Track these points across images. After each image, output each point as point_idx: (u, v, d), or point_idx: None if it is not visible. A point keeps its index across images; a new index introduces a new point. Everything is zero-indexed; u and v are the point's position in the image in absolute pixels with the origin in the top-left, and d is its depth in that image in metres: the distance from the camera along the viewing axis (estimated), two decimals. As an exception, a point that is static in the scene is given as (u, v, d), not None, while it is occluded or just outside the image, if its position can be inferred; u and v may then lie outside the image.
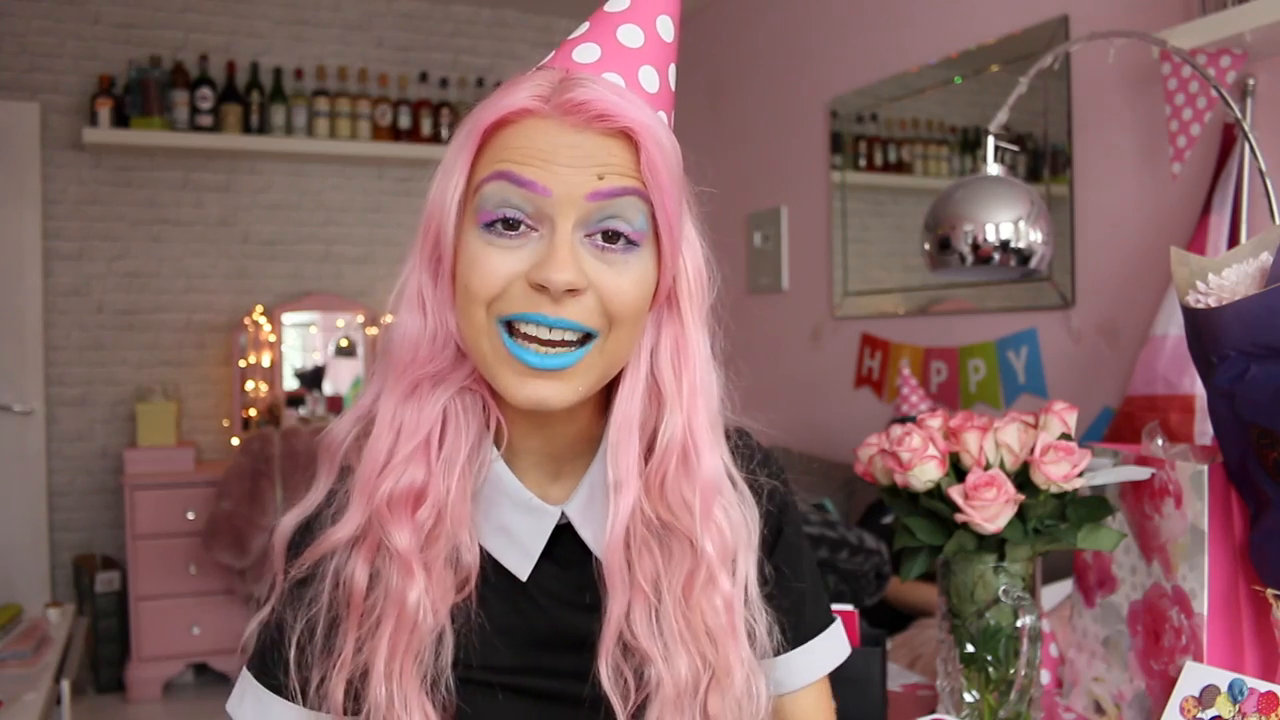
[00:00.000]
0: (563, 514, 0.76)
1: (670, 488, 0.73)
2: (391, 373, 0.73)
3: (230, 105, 3.77)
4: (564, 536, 0.76)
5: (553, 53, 0.73)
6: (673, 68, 0.73)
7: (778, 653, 0.80)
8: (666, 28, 0.72)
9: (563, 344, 0.67)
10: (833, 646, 0.88)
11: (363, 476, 0.72)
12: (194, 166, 3.89)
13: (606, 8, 0.72)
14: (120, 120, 3.63)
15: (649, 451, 0.74)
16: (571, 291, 0.66)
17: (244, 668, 0.77)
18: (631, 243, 0.68)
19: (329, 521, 0.74)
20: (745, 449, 0.84)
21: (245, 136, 3.78)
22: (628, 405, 0.74)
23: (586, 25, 0.72)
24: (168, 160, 3.84)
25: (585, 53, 0.70)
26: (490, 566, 0.75)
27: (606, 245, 0.68)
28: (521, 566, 0.75)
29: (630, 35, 0.71)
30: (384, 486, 0.70)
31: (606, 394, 0.75)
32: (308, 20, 4.04)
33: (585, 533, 0.76)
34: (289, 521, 0.76)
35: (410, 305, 0.72)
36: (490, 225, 0.67)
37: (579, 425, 0.75)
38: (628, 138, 0.67)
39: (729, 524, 0.76)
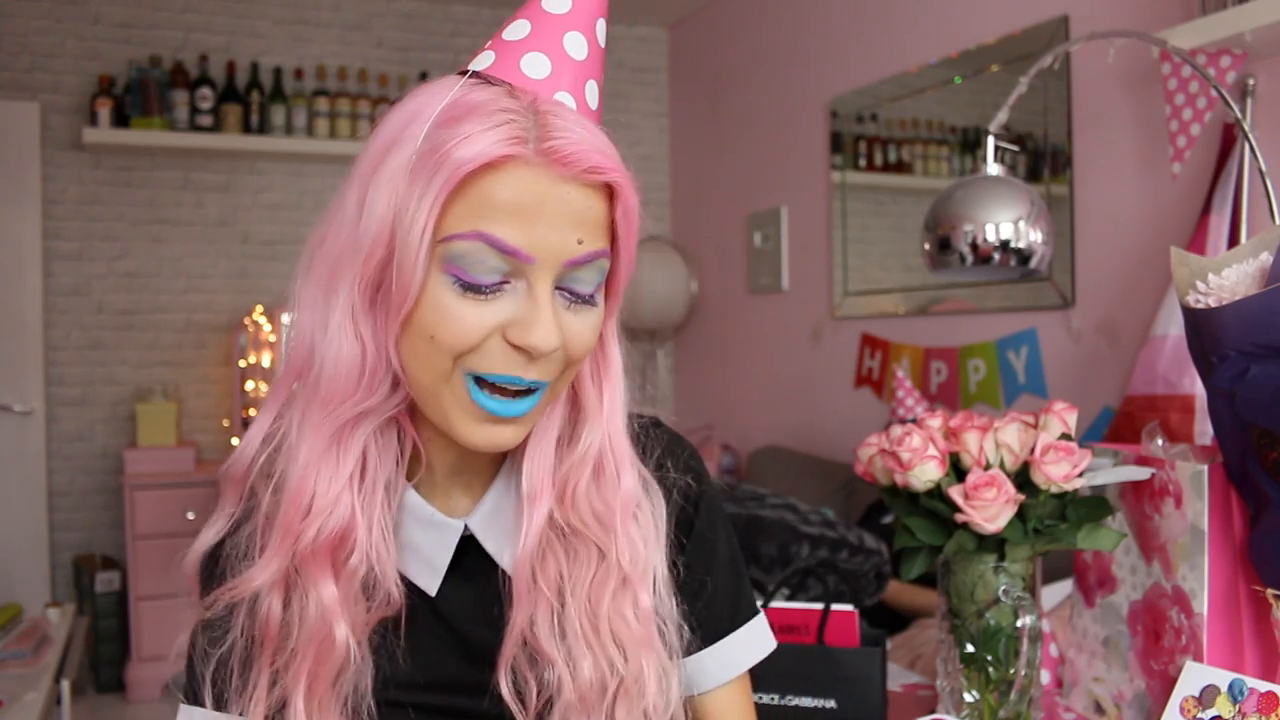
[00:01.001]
0: (465, 526, 0.75)
1: (581, 497, 0.73)
2: (316, 405, 0.68)
3: (230, 105, 3.77)
4: (471, 549, 0.75)
5: (492, 55, 0.69)
6: (603, 74, 0.73)
7: (688, 652, 0.79)
8: (602, 32, 0.71)
9: (524, 392, 0.67)
10: (750, 641, 0.85)
11: (285, 521, 0.68)
12: (194, 166, 3.89)
13: (545, 6, 0.69)
14: (120, 120, 3.63)
15: (559, 457, 0.74)
16: None
17: (180, 701, 0.77)
18: (592, 296, 0.69)
19: (240, 553, 0.72)
20: (655, 440, 0.82)
21: (245, 136, 3.77)
22: (546, 420, 0.74)
23: (527, 26, 0.69)
24: (168, 160, 3.84)
25: (534, 65, 0.67)
26: (400, 582, 0.73)
27: (574, 300, 0.68)
28: (430, 583, 0.75)
29: (576, 45, 0.69)
30: (308, 533, 0.68)
31: None
32: (308, 20, 4.04)
33: (489, 545, 0.75)
34: (198, 549, 0.74)
35: (343, 331, 0.67)
36: (466, 284, 0.64)
37: None
38: (605, 187, 0.67)
39: (641, 533, 0.75)
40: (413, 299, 0.65)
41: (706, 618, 0.82)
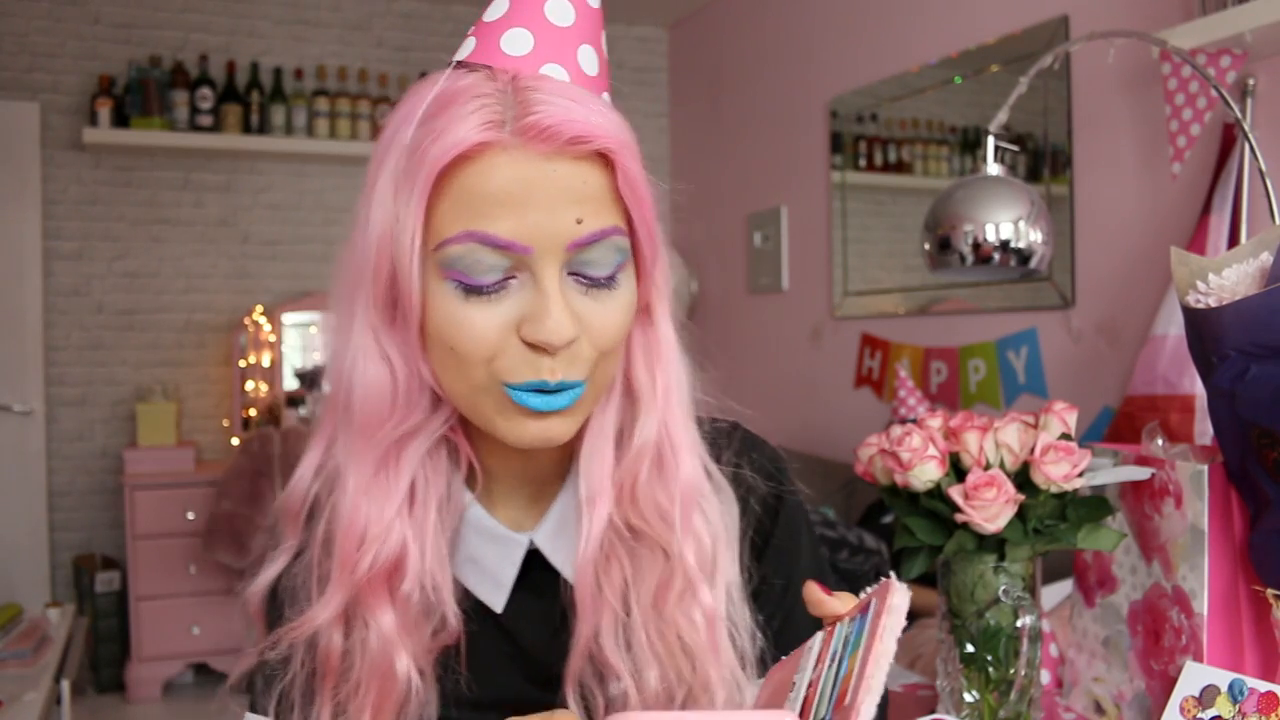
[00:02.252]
0: (530, 540, 0.72)
1: (642, 493, 0.69)
2: (359, 434, 0.66)
3: (230, 105, 3.77)
4: (537, 564, 0.73)
5: (473, 42, 0.64)
6: (603, 35, 0.66)
7: (764, 663, 0.74)
8: None
9: (561, 390, 0.64)
10: None
11: (342, 552, 0.66)
12: (194, 166, 3.89)
13: None
14: (120, 120, 3.63)
15: (619, 455, 0.70)
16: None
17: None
18: (612, 278, 0.64)
19: (297, 584, 0.70)
20: (729, 442, 0.78)
21: (245, 136, 3.78)
22: (603, 415, 0.70)
23: (505, 4, 0.64)
24: (168, 160, 3.84)
25: (515, 41, 0.62)
26: (463, 597, 0.71)
27: (591, 283, 0.63)
28: (496, 599, 0.72)
29: (560, 11, 0.63)
30: (364, 563, 0.65)
31: None
32: (308, 20, 4.04)
33: (556, 559, 0.72)
34: (260, 585, 0.72)
35: (369, 355, 0.65)
36: (468, 288, 0.61)
37: (560, 445, 0.71)
38: (600, 155, 0.62)
39: (708, 528, 0.71)
40: (418, 310, 0.63)
41: (785, 632, 0.76)
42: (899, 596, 0.50)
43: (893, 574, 0.55)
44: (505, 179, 0.59)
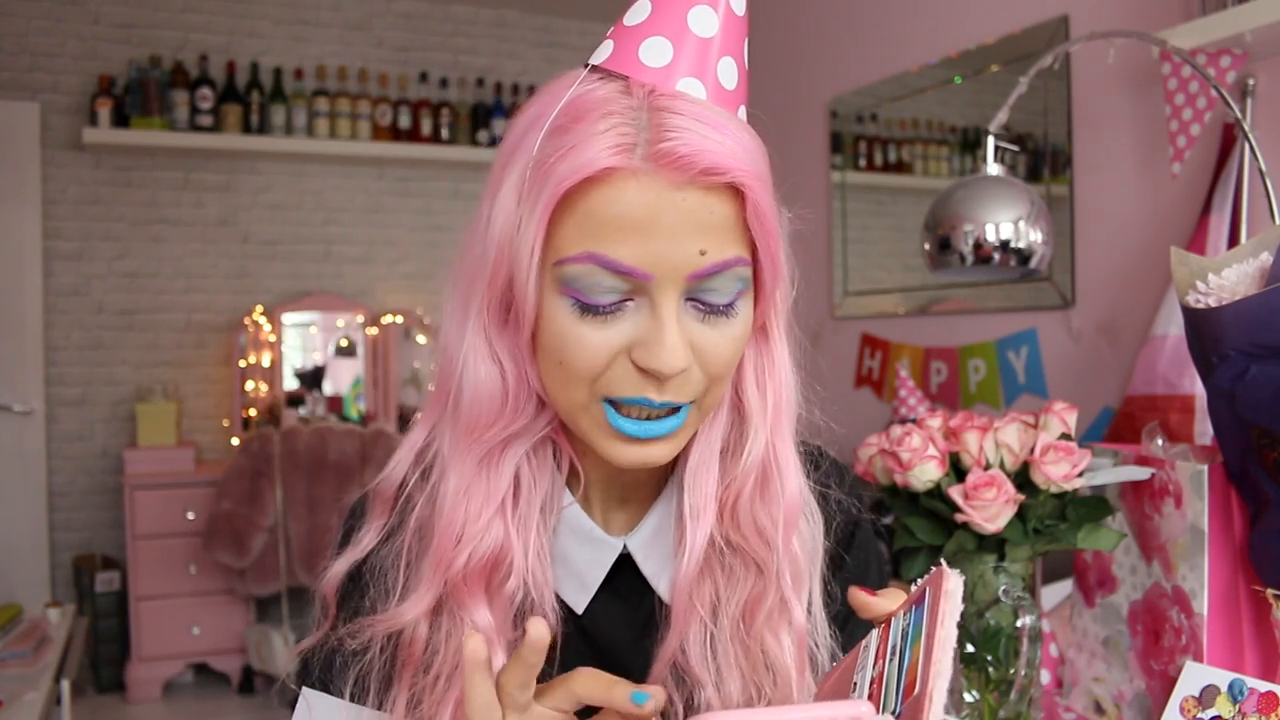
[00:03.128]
0: (624, 546, 0.72)
1: (743, 511, 0.69)
2: (464, 433, 0.66)
3: (230, 105, 3.77)
4: (626, 568, 0.72)
5: (611, 45, 0.62)
6: (745, 44, 0.64)
7: None
8: (739, 1, 0.63)
9: (665, 413, 0.63)
10: None
11: (437, 551, 0.66)
12: (194, 166, 3.89)
13: None
14: (120, 120, 3.63)
15: (722, 468, 0.70)
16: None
17: (301, 688, 0.75)
18: (731, 305, 0.62)
19: (385, 565, 0.70)
20: (826, 464, 0.78)
21: (245, 136, 3.78)
22: (710, 430, 0.69)
23: (648, 7, 0.61)
24: (168, 160, 3.84)
25: (654, 51, 0.60)
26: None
27: (707, 311, 0.62)
28: (579, 600, 0.72)
29: (703, 20, 0.60)
30: (460, 560, 0.65)
31: None
32: (308, 20, 4.05)
33: (647, 567, 0.72)
34: (342, 565, 0.71)
35: (480, 355, 0.64)
36: (585, 306, 0.60)
37: None
38: (731, 186, 0.60)
39: (803, 549, 0.71)
40: (531, 322, 0.62)
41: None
42: (953, 581, 0.51)
43: (943, 561, 0.55)
44: (631, 205, 0.58)
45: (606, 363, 0.61)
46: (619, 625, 0.73)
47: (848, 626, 0.76)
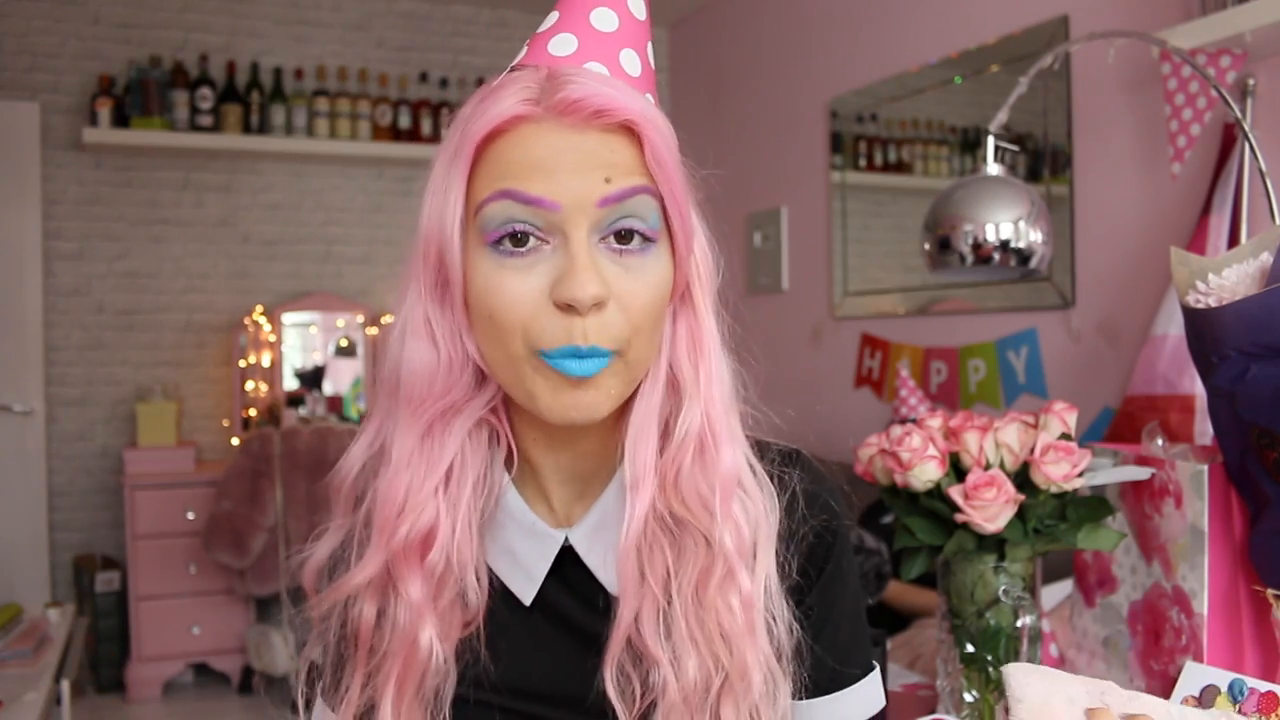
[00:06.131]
0: (566, 538, 0.74)
1: (685, 482, 0.71)
2: (404, 407, 0.70)
3: (230, 105, 3.77)
4: (571, 557, 0.74)
5: (525, 49, 0.70)
6: (649, 46, 0.71)
7: (800, 697, 0.75)
8: (639, 5, 0.70)
9: (593, 356, 0.66)
10: (866, 697, 0.79)
11: (381, 518, 0.70)
12: (194, 166, 3.89)
13: None
14: (120, 120, 3.63)
15: (663, 445, 0.72)
16: (597, 305, 0.64)
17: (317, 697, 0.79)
18: (647, 239, 0.67)
19: (349, 560, 0.73)
20: (797, 466, 0.78)
21: (245, 136, 3.77)
22: (648, 399, 0.72)
23: (556, 15, 0.70)
24: (168, 160, 3.84)
25: (561, 45, 0.67)
26: (497, 586, 0.74)
27: (623, 247, 0.66)
28: (525, 591, 0.74)
29: (604, 19, 0.68)
30: (401, 530, 0.69)
31: (626, 402, 0.73)
32: (308, 20, 4.04)
33: (591, 558, 0.74)
34: (313, 563, 0.75)
35: (417, 334, 0.69)
36: (498, 242, 0.65)
37: (602, 438, 0.73)
38: (628, 131, 0.65)
39: (747, 517, 0.72)
40: (459, 275, 0.67)
41: (822, 665, 0.76)
42: None
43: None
44: (536, 146, 0.64)
45: (532, 307, 0.65)
46: (570, 615, 0.75)
47: (822, 635, 0.77)
